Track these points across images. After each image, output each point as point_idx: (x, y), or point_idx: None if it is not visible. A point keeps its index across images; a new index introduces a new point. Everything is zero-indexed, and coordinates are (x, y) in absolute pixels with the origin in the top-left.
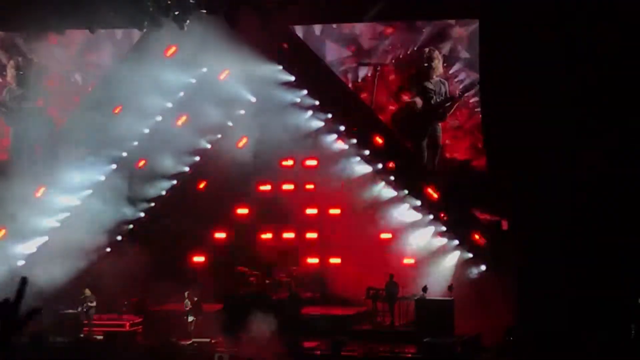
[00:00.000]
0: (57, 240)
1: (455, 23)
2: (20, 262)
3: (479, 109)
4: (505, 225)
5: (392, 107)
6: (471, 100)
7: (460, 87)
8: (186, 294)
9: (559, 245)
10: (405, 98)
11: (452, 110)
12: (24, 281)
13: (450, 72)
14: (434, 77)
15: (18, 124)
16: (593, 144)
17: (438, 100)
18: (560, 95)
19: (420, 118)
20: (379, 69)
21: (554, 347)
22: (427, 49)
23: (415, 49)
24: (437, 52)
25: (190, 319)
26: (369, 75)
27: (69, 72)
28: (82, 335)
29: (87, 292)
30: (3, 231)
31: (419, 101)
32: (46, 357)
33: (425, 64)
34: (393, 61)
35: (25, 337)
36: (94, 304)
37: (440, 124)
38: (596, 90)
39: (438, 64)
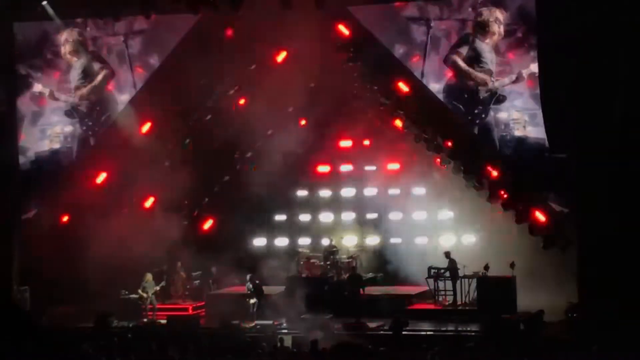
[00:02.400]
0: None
1: None
2: None
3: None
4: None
5: (449, 74)
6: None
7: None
8: (248, 277)
9: (623, 221)
10: (459, 62)
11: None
12: None
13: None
14: (489, 42)
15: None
16: None
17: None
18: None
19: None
20: (432, 25)
21: (616, 324)
22: (484, 8)
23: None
24: (496, 12)
25: (252, 301)
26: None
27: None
28: (145, 320)
29: (149, 277)
30: None
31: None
32: (111, 340)
33: (481, 25)
34: (444, 18)
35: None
36: (156, 289)
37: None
38: None
39: (495, 28)
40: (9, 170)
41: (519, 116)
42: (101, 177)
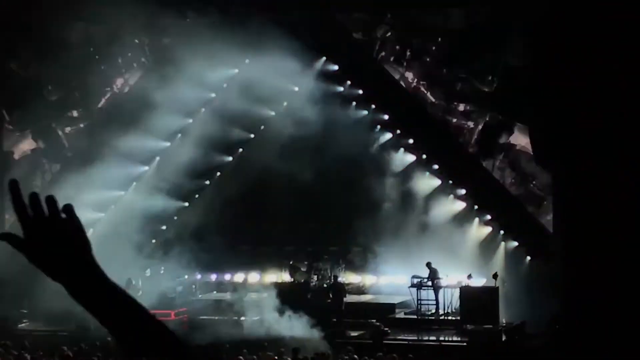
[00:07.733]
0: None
1: None
2: None
3: None
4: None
5: None
6: None
7: None
8: None
9: (610, 231)
10: None
11: None
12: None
13: None
14: None
15: None
16: None
17: None
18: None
19: None
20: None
21: (600, 336)
22: None
23: None
24: None
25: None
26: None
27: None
28: None
29: (132, 281)
30: None
31: None
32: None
33: None
34: None
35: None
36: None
37: None
38: None
39: None
40: None
41: None
42: None
